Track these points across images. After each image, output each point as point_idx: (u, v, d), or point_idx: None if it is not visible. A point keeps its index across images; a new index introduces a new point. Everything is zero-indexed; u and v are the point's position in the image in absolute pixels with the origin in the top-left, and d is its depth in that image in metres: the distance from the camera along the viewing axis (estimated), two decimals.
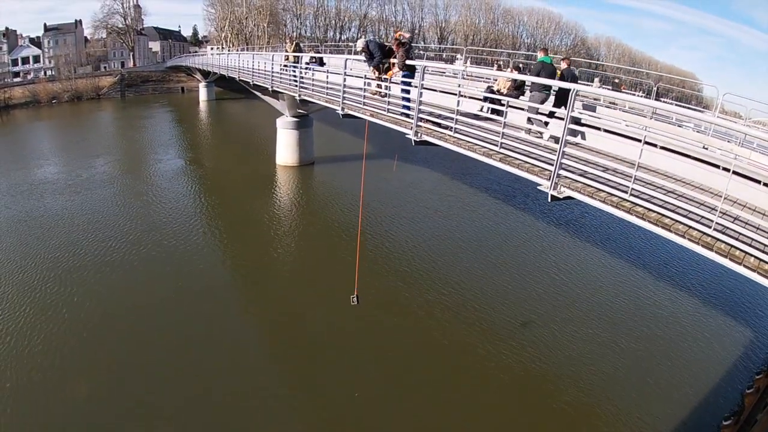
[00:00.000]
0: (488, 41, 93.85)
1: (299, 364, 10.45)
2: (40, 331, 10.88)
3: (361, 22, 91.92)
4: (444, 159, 25.26)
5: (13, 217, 18.52)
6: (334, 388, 9.59)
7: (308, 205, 20.77)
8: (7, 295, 12.56)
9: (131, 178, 24.95)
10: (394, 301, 12.78)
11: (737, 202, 5.92)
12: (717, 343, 11.86)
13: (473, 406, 9.30)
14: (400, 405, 9.24)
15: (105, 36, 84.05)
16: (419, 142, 10.65)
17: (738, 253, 5.33)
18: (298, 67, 18.88)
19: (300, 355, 10.71)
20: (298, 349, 10.91)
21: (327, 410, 9.09)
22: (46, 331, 10.94)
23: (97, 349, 10.37)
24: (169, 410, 8.84)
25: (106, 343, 10.59)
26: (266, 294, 13.47)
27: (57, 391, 9.12)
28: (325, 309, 12.25)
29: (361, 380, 9.78)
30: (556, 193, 7.27)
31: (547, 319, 12.21)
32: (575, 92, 6.93)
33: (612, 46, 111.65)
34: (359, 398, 9.28)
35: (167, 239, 16.24)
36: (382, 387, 9.67)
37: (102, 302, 12.24)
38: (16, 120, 53.58)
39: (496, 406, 9.35)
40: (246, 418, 8.70)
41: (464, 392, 9.63)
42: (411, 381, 9.85)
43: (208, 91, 60.31)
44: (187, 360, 10.15)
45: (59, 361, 9.94)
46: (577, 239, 17.85)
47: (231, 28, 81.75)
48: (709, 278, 14.82)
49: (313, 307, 12.47)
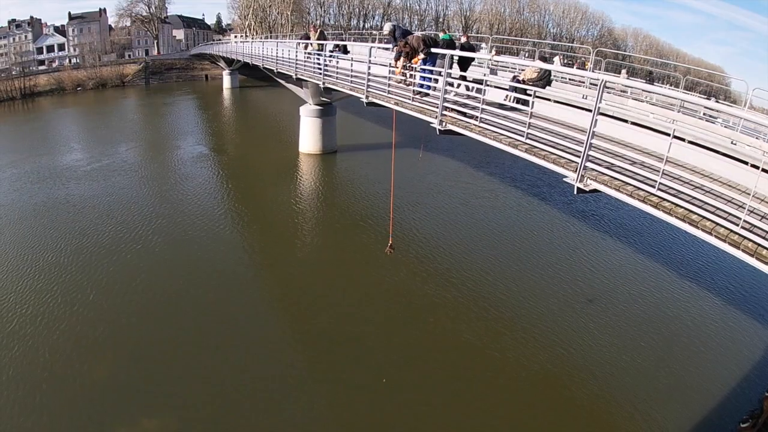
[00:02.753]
0: (513, 31, 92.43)
1: (317, 356, 10.49)
2: (63, 315, 11.20)
3: (385, 10, 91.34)
4: (468, 148, 25.08)
5: (39, 203, 19.00)
6: (355, 379, 9.66)
7: (331, 193, 20.86)
8: (33, 279, 12.92)
9: (155, 165, 25.44)
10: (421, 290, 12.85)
11: (765, 200, 5.80)
12: (739, 344, 11.59)
13: (492, 399, 9.31)
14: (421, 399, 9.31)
15: (129, 24, 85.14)
16: (444, 131, 10.57)
17: (765, 252, 5.21)
18: (322, 55, 18.90)
19: (318, 347, 10.75)
20: (317, 339, 10.95)
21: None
22: (69, 314, 11.25)
23: (120, 334, 10.60)
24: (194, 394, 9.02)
25: (129, 328, 10.83)
26: (288, 281, 13.55)
27: (79, 374, 9.36)
28: (349, 297, 12.41)
29: (383, 367, 9.83)
30: (582, 185, 7.18)
31: (567, 312, 12.09)
32: (603, 83, 6.85)
33: (639, 38, 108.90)
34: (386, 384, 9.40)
35: (191, 224, 16.53)
36: (403, 380, 9.73)
37: (125, 286, 12.51)
38: (42, 107, 54.90)
39: (514, 401, 9.31)
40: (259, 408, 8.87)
41: (483, 386, 9.63)
42: (431, 376, 9.86)
43: (231, 78, 60.67)
44: (208, 345, 10.33)
45: (79, 345, 10.20)
46: (600, 232, 17.60)
47: (255, 16, 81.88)
48: (734, 277, 14.43)
49: (336, 294, 12.58)
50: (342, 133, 27.29)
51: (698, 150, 6.98)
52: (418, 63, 11.75)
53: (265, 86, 52.95)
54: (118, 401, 8.74)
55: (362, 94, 14.39)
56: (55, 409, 8.54)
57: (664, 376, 10.20)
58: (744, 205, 5.40)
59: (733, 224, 5.51)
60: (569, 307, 12.42)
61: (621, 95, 13.41)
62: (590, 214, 18.81)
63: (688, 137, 7.33)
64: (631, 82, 12.91)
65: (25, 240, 15.60)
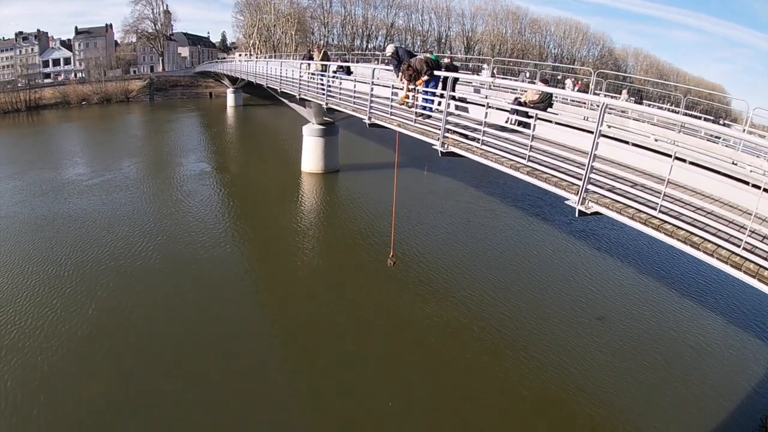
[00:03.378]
0: (515, 51, 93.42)
1: (318, 378, 10.40)
2: (62, 330, 11.19)
3: (388, 30, 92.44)
4: (470, 167, 25.03)
5: (41, 216, 19.11)
6: (358, 401, 9.60)
7: (332, 212, 20.90)
8: (33, 292, 12.94)
9: (157, 181, 25.56)
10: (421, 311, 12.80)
11: (766, 220, 5.81)
12: (740, 364, 11.56)
13: (494, 420, 9.21)
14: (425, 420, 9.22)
15: (135, 40, 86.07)
16: (446, 153, 10.63)
17: (767, 273, 5.21)
18: (325, 75, 19.11)
19: (319, 368, 10.66)
20: (318, 360, 10.87)
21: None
22: (68, 329, 11.24)
23: (118, 350, 10.56)
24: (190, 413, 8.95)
25: (126, 345, 10.78)
26: (289, 301, 13.48)
27: (76, 390, 9.34)
28: (350, 317, 12.39)
29: (387, 389, 9.80)
30: (583, 208, 7.20)
31: (569, 332, 12.04)
32: (605, 106, 6.92)
33: (640, 57, 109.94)
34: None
35: (192, 241, 16.56)
36: (407, 401, 9.64)
37: (125, 302, 12.50)
38: (46, 120, 55.46)
39: (516, 421, 9.22)
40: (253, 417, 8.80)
41: (485, 407, 9.54)
42: (434, 397, 9.78)
43: (235, 96, 61.30)
44: (207, 365, 10.27)
45: (77, 360, 10.19)
46: (601, 252, 17.58)
47: (259, 35, 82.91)
48: (736, 296, 14.39)
49: (338, 315, 12.55)
50: (344, 153, 27.47)
51: (699, 171, 7.00)
52: (421, 85, 11.89)
53: (269, 105, 53.39)
54: (113, 418, 8.69)
55: (365, 116, 14.49)
56: (51, 424, 8.50)
57: (665, 396, 10.14)
58: (745, 227, 5.40)
59: (735, 245, 5.51)
60: (571, 326, 12.36)
61: (622, 116, 13.47)
62: (592, 234, 18.82)
63: (689, 158, 7.35)
64: (632, 105, 13.05)
65: (26, 253, 15.63)
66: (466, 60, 49.88)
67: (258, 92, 51.38)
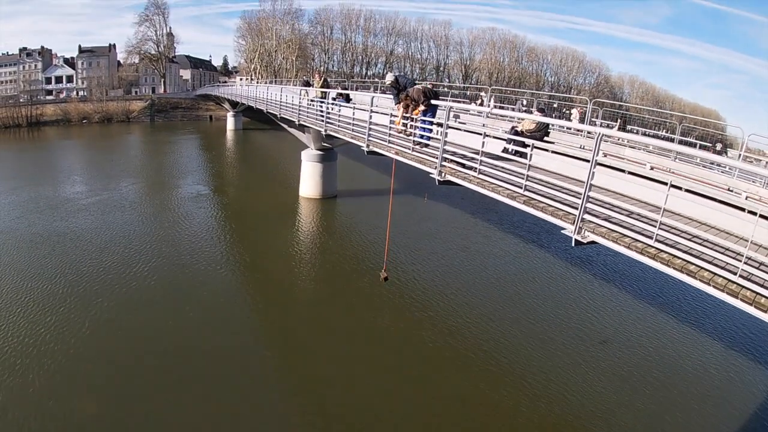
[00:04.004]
0: (512, 79, 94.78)
1: (311, 405, 10.28)
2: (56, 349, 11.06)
3: (387, 58, 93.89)
4: (467, 193, 25.19)
5: (37, 233, 19.09)
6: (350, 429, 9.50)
7: (329, 238, 20.86)
8: (27, 310, 12.85)
9: (155, 202, 25.61)
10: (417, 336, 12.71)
11: (762, 247, 5.84)
12: (739, 392, 11.52)
13: None
14: None
15: (137, 61, 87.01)
16: (443, 182, 10.72)
17: (764, 300, 5.23)
18: (325, 102, 19.34)
19: (313, 396, 10.55)
20: (313, 386, 10.76)
21: None
22: (62, 348, 11.10)
23: (112, 371, 10.42)
24: None
25: (120, 366, 10.63)
26: (284, 325, 13.40)
27: (69, 410, 9.21)
28: (345, 345, 12.27)
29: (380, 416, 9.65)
30: (580, 237, 7.24)
31: (566, 359, 11.93)
32: (600, 136, 7.02)
33: (635, 85, 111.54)
34: None
35: (188, 264, 16.47)
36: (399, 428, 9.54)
37: (119, 323, 12.40)
38: (47, 136, 55.93)
39: None
40: None
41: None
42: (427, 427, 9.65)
43: (235, 120, 61.89)
44: (200, 388, 10.11)
45: (71, 380, 10.06)
46: (598, 278, 17.57)
47: (260, 60, 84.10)
48: (734, 323, 14.38)
49: (333, 343, 12.42)
50: (343, 178, 27.60)
51: (695, 198, 7.05)
52: (418, 114, 12.05)
53: (268, 129, 53.90)
54: None
55: (363, 143, 14.63)
56: None
57: (664, 424, 10.02)
58: (741, 255, 5.43)
59: (731, 273, 5.53)
60: (568, 353, 12.28)
61: (618, 143, 13.63)
62: (589, 260, 18.85)
63: (685, 186, 7.41)
64: (627, 135, 13.19)
65: (21, 269, 15.56)
66: (464, 89, 50.63)
67: (258, 116, 51.97)
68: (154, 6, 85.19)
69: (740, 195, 8.45)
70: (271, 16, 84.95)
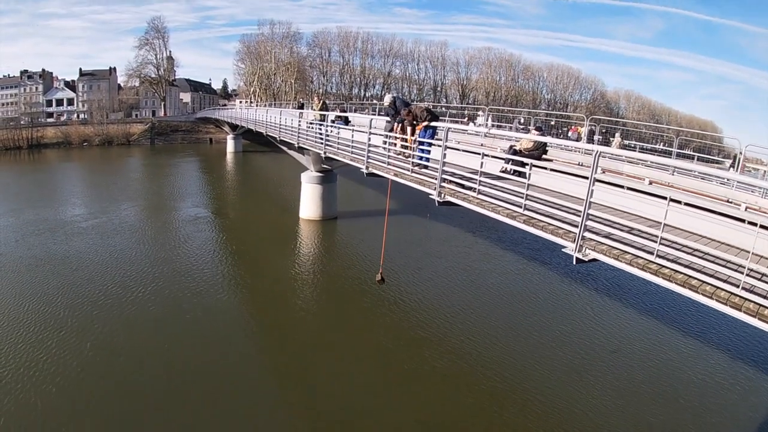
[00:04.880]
0: (509, 98, 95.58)
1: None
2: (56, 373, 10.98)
3: (385, 79, 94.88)
4: (468, 212, 25.35)
5: (36, 256, 19.10)
6: None
7: (329, 260, 20.84)
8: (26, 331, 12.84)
9: (154, 226, 25.61)
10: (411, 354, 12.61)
11: (764, 257, 5.84)
12: (746, 404, 11.47)
13: None
14: None
15: (138, 84, 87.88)
16: (443, 203, 10.77)
17: (767, 312, 5.23)
18: (324, 124, 19.49)
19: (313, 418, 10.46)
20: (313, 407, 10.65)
21: None
22: (62, 372, 11.02)
23: (110, 396, 10.32)
24: None
25: (119, 391, 10.53)
26: (284, 347, 13.31)
27: None
28: (345, 364, 12.15)
29: None
30: (581, 255, 7.24)
31: (570, 376, 11.84)
32: (598, 153, 7.09)
33: (631, 99, 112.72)
34: None
35: (188, 288, 16.39)
36: None
37: (120, 348, 12.29)
38: (47, 159, 56.28)
39: None
40: None
41: None
42: None
43: (235, 143, 62.27)
44: (200, 412, 10.00)
45: (70, 405, 9.97)
46: (602, 294, 17.48)
47: (260, 83, 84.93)
48: (739, 335, 14.31)
49: (333, 363, 12.30)
50: (343, 200, 27.66)
51: (695, 211, 7.06)
52: (420, 130, 12.14)
53: (268, 151, 54.14)
54: None
55: (362, 165, 14.72)
56: None
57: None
58: (743, 267, 5.43)
59: (733, 286, 5.53)
60: (572, 370, 12.19)
61: (616, 158, 13.69)
62: (592, 275, 18.75)
63: (685, 199, 7.43)
64: (625, 152, 13.25)
65: (20, 292, 15.55)
66: (461, 108, 51.04)
67: (257, 139, 52.26)
68: (154, 30, 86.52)
69: (740, 206, 8.48)
70: (270, 39, 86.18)
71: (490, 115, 27.11)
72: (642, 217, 6.99)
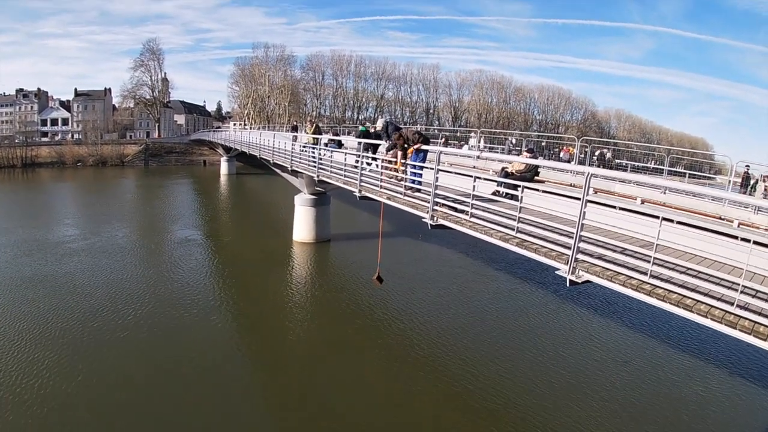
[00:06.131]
0: (501, 119, 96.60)
1: None
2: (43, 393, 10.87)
3: (378, 102, 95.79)
4: (460, 233, 25.41)
5: (25, 276, 19.00)
6: None
7: (323, 282, 20.71)
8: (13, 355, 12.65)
9: (147, 248, 25.45)
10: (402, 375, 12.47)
11: (757, 273, 5.84)
12: (745, 422, 11.46)
13: None
14: None
15: (132, 106, 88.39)
16: (435, 226, 10.77)
17: (762, 329, 5.23)
18: (317, 147, 19.55)
19: None
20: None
21: None
22: (49, 393, 10.89)
23: (101, 420, 10.16)
24: None
25: (111, 413, 10.38)
26: (277, 373, 13.12)
27: None
28: (339, 391, 11.97)
29: None
30: (574, 277, 7.24)
31: (570, 397, 11.69)
32: (589, 175, 7.11)
33: (622, 118, 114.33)
34: None
35: (179, 312, 16.16)
36: None
37: (108, 371, 12.10)
38: (41, 178, 56.26)
39: None
40: None
41: None
42: None
43: (229, 165, 62.38)
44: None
45: None
46: (596, 315, 17.39)
47: (254, 106, 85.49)
48: (734, 352, 14.26)
49: (324, 387, 12.12)
50: (336, 222, 27.64)
51: (687, 230, 7.06)
52: (412, 153, 12.20)
53: (262, 174, 54.21)
54: None
55: (355, 188, 14.75)
56: None
57: None
58: (737, 284, 5.45)
59: (728, 304, 5.54)
60: (569, 389, 12.10)
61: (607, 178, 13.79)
62: (587, 294, 18.65)
63: (677, 218, 7.44)
64: (617, 173, 13.37)
65: (8, 313, 15.37)
66: (454, 130, 51.52)
67: (251, 161, 52.34)
68: (149, 51, 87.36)
69: (732, 223, 8.51)
70: (264, 62, 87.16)
71: (482, 137, 27.33)
72: (635, 237, 7.00)
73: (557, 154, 29.48)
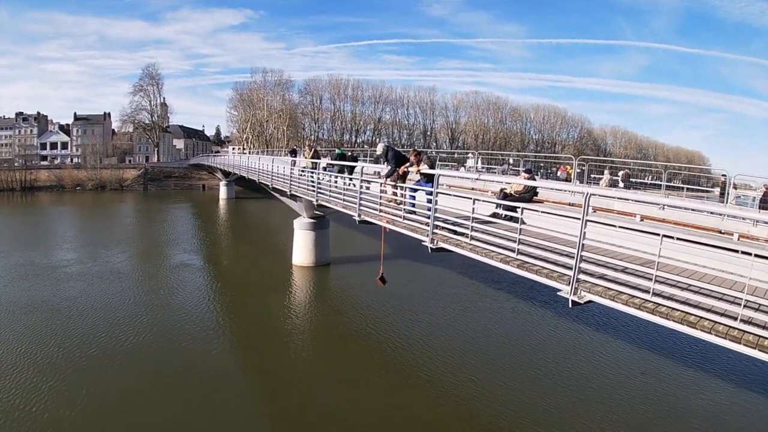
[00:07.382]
0: (498, 140, 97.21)
1: None
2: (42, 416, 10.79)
3: (376, 125, 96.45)
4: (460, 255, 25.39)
5: (22, 300, 18.96)
6: None
7: (323, 306, 20.58)
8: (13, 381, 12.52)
9: (146, 272, 25.35)
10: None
11: (760, 287, 5.82)
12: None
13: None
14: None
15: (131, 130, 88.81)
16: (436, 249, 10.76)
17: (767, 342, 5.22)
18: (315, 172, 19.62)
19: None
20: None
21: None
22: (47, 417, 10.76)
23: None
24: None
25: None
26: (277, 397, 12.93)
27: None
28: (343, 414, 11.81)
29: None
30: (576, 298, 7.22)
31: (575, 416, 11.54)
32: (589, 195, 7.13)
33: (618, 135, 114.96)
34: None
35: (178, 338, 16.02)
36: None
37: (105, 396, 11.99)
38: (39, 202, 56.44)
39: None
40: None
41: None
42: None
43: (228, 189, 62.50)
44: None
45: None
46: (599, 333, 17.27)
47: (252, 130, 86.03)
48: (740, 366, 14.10)
49: (324, 411, 11.98)
50: (336, 245, 27.56)
51: (688, 246, 7.05)
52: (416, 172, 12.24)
53: (261, 198, 54.39)
54: None
55: (354, 212, 14.74)
56: None
57: None
58: (740, 299, 5.44)
59: (731, 319, 5.52)
60: (575, 409, 11.94)
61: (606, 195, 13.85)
62: (589, 312, 18.48)
63: (677, 234, 7.44)
64: (615, 192, 13.45)
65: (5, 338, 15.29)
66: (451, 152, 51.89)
67: (250, 185, 52.59)
68: (148, 77, 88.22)
69: (732, 236, 8.50)
70: (262, 87, 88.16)
71: (480, 158, 27.52)
72: (635, 255, 7.00)
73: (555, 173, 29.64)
